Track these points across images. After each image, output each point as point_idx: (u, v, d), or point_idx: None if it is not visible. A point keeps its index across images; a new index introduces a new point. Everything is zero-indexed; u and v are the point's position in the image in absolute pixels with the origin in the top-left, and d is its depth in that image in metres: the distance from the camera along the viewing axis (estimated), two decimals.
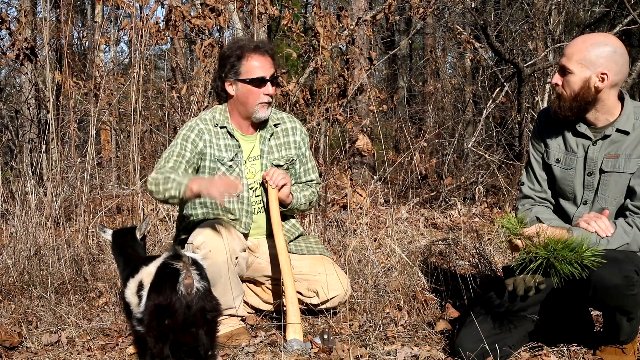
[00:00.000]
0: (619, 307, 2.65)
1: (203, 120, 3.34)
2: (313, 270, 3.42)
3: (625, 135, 2.75)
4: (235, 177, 3.25)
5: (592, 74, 2.68)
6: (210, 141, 3.30)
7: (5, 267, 4.27)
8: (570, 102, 2.74)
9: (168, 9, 5.20)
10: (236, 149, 3.33)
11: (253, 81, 3.26)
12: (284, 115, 3.52)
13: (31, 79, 7.01)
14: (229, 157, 3.32)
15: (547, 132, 2.92)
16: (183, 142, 3.25)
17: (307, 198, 3.50)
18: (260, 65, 3.26)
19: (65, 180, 5.25)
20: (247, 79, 3.27)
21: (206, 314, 2.53)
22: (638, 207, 2.72)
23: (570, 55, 2.71)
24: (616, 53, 2.69)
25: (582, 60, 2.69)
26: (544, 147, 2.93)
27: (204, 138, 3.29)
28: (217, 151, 3.30)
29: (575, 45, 2.73)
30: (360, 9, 8.60)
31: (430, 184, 7.08)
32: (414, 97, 11.75)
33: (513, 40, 7.77)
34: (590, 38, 2.75)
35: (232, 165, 3.32)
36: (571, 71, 2.71)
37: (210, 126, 3.32)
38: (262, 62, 3.27)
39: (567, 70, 2.72)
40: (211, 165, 3.30)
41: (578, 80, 2.70)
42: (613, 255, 2.62)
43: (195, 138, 3.27)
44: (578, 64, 2.69)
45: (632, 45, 10.88)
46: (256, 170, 3.39)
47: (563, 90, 2.75)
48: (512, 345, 2.82)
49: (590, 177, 2.81)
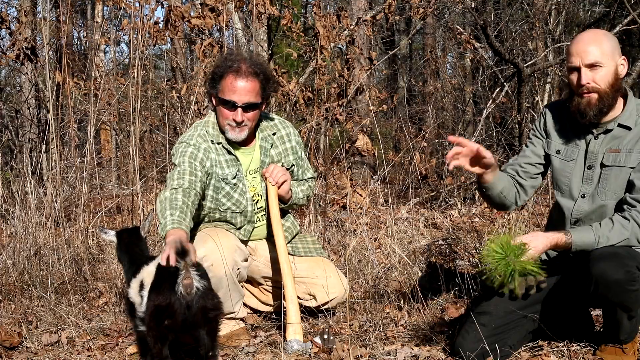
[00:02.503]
0: (620, 303, 2.65)
1: (203, 136, 3.24)
2: (311, 273, 3.41)
3: (627, 130, 2.77)
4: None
5: (615, 63, 2.74)
6: (217, 160, 3.23)
7: (5, 267, 4.27)
8: (611, 94, 2.74)
9: (167, 9, 5.19)
10: (236, 164, 3.28)
11: (224, 102, 3.18)
12: (276, 121, 3.45)
13: (31, 79, 7.01)
14: (232, 173, 3.26)
15: (551, 123, 2.94)
16: (192, 162, 3.14)
17: (305, 192, 3.49)
18: (235, 89, 3.14)
19: (65, 180, 5.25)
20: (220, 97, 3.20)
21: (207, 313, 2.53)
22: (636, 199, 2.72)
23: (594, 50, 2.72)
24: (617, 42, 2.78)
25: (607, 52, 2.73)
26: (546, 138, 2.95)
27: (211, 157, 3.21)
28: (221, 169, 3.24)
29: (592, 41, 2.74)
30: (360, 9, 8.61)
31: (430, 184, 7.08)
32: (414, 97, 11.75)
33: (513, 40, 7.76)
34: (596, 33, 2.82)
35: (236, 183, 3.28)
36: (602, 64, 2.72)
37: (209, 144, 3.24)
38: (240, 87, 3.14)
39: (597, 65, 2.72)
40: (216, 185, 3.25)
41: (610, 71, 2.73)
42: (614, 251, 2.63)
43: (202, 156, 3.18)
44: (605, 57, 2.72)
45: (632, 45, 10.88)
46: (257, 183, 3.36)
47: (598, 86, 2.73)
48: (512, 345, 2.82)
49: (590, 170, 2.82)
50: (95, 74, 5.31)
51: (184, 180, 3.05)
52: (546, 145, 2.95)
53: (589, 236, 2.69)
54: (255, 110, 3.21)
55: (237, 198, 3.29)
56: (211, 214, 3.32)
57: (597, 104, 2.75)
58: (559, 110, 2.95)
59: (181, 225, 2.81)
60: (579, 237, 2.70)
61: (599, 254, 2.64)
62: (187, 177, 3.07)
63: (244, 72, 3.15)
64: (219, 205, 3.29)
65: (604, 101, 2.75)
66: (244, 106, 3.16)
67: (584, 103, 2.76)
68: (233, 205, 3.29)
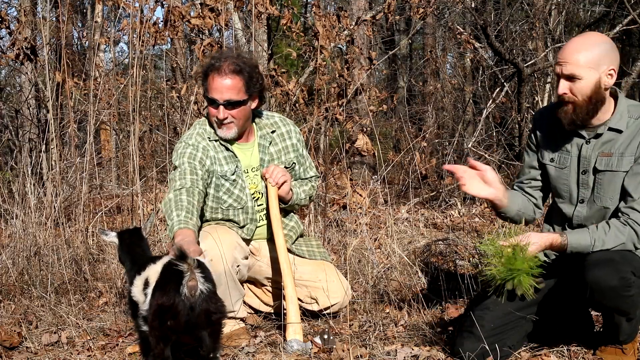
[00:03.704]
0: (616, 309, 2.64)
1: (201, 134, 3.29)
2: (314, 276, 3.41)
3: (618, 133, 2.74)
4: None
5: (600, 74, 2.66)
6: (216, 157, 3.27)
7: (5, 267, 4.27)
8: (586, 106, 2.69)
9: (167, 9, 5.19)
10: (235, 160, 3.31)
11: (208, 100, 3.25)
12: (276, 119, 3.47)
13: (31, 79, 7.01)
14: (231, 170, 3.28)
15: (542, 132, 2.91)
16: (191, 161, 3.19)
17: (307, 193, 3.49)
18: (215, 87, 3.18)
19: (65, 180, 5.25)
20: (205, 96, 3.27)
21: (210, 315, 2.53)
22: (631, 207, 2.70)
23: (575, 61, 2.65)
24: (612, 47, 2.71)
25: (589, 63, 2.65)
26: (539, 148, 2.93)
27: (210, 155, 3.26)
28: (220, 166, 3.27)
29: (576, 50, 2.67)
30: (360, 8, 8.61)
31: (430, 184, 7.08)
32: (414, 97, 11.75)
33: (513, 40, 7.76)
34: (585, 39, 2.73)
35: (235, 179, 3.30)
36: (581, 77, 2.66)
37: (207, 141, 3.28)
38: (219, 84, 3.17)
39: (575, 77, 2.66)
40: (216, 182, 3.28)
41: (589, 84, 2.66)
42: (609, 257, 2.61)
43: (201, 155, 3.23)
44: (586, 68, 2.65)
45: (632, 45, 10.88)
46: (258, 181, 3.37)
47: (575, 98, 2.68)
48: (512, 345, 2.82)
49: (585, 175, 2.80)
50: (95, 74, 5.31)
51: (185, 180, 3.10)
52: (540, 155, 2.92)
53: (584, 238, 2.68)
54: (238, 107, 3.22)
55: (238, 194, 3.30)
56: (214, 214, 3.32)
57: (570, 116, 2.71)
58: (548, 116, 2.91)
59: (188, 225, 2.87)
60: (575, 239, 2.69)
61: (594, 260, 2.62)
62: (189, 176, 3.11)
63: (224, 70, 3.19)
64: (221, 204, 3.30)
65: (577, 114, 2.70)
66: (225, 103, 3.19)
67: (561, 112, 2.74)
68: (234, 202, 3.30)
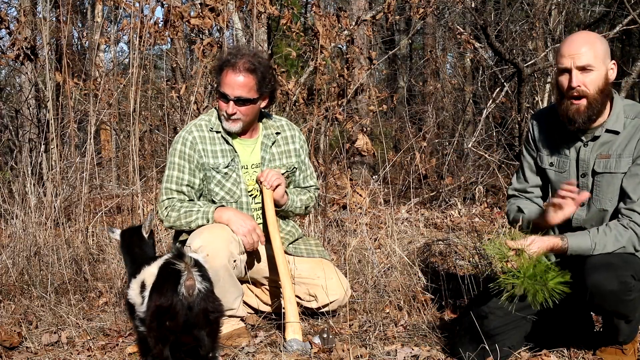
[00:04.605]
0: (617, 312, 2.64)
1: (198, 126, 3.35)
2: (312, 274, 3.42)
3: (615, 135, 2.73)
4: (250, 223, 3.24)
5: (606, 67, 2.70)
6: (205, 149, 3.32)
7: (5, 267, 4.27)
8: (600, 100, 2.68)
9: (167, 9, 5.19)
10: (232, 154, 3.33)
11: (219, 94, 3.32)
12: (283, 122, 3.53)
13: (31, 79, 7.01)
14: (225, 163, 3.32)
15: (540, 136, 2.91)
16: (181, 162, 3.30)
17: (304, 202, 3.50)
18: (228, 82, 3.25)
19: (65, 180, 5.25)
20: (217, 90, 3.35)
21: (209, 315, 2.53)
22: (631, 209, 2.69)
23: (587, 52, 2.66)
24: (608, 45, 2.74)
25: (599, 55, 2.67)
26: (537, 152, 2.92)
27: (198, 148, 3.31)
28: (213, 159, 3.31)
29: (585, 43, 2.69)
30: (360, 8, 8.61)
31: (430, 184, 7.08)
32: (414, 97, 11.75)
33: (513, 40, 7.76)
34: (586, 35, 2.78)
35: (228, 172, 3.33)
36: (594, 67, 2.66)
37: (205, 132, 3.33)
38: (232, 80, 3.24)
39: (590, 67, 2.66)
40: (207, 174, 3.32)
41: (601, 75, 2.68)
42: (609, 261, 2.61)
43: (189, 151, 3.30)
44: (597, 60, 2.67)
45: (632, 45, 10.89)
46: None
47: (587, 91, 2.68)
48: (512, 345, 2.81)
49: (584, 178, 2.79)
50: (95, 74, 5.31)
51: (183, 195, 3.30)
52: (539, 159, 2.92)
53: (585, 242, 2.67)
54: (248, 105, 3.28)
55: (230, 187, 3.32)
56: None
57: (585, 111, 2.69)
58: (546, 119, 2.90)
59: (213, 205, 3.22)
60: (575, 243, 2.68)
61: (594, 264, 2.62)
62: (185, 188, 3.31)
63: (239, 68, 3.25)
64: (213, 196, 3.33)
65: (593, 107, 2.69)
66: (235, 99, 3.25)
67: (573, 110, 2.70)
68: (226, 195, 3.32)
